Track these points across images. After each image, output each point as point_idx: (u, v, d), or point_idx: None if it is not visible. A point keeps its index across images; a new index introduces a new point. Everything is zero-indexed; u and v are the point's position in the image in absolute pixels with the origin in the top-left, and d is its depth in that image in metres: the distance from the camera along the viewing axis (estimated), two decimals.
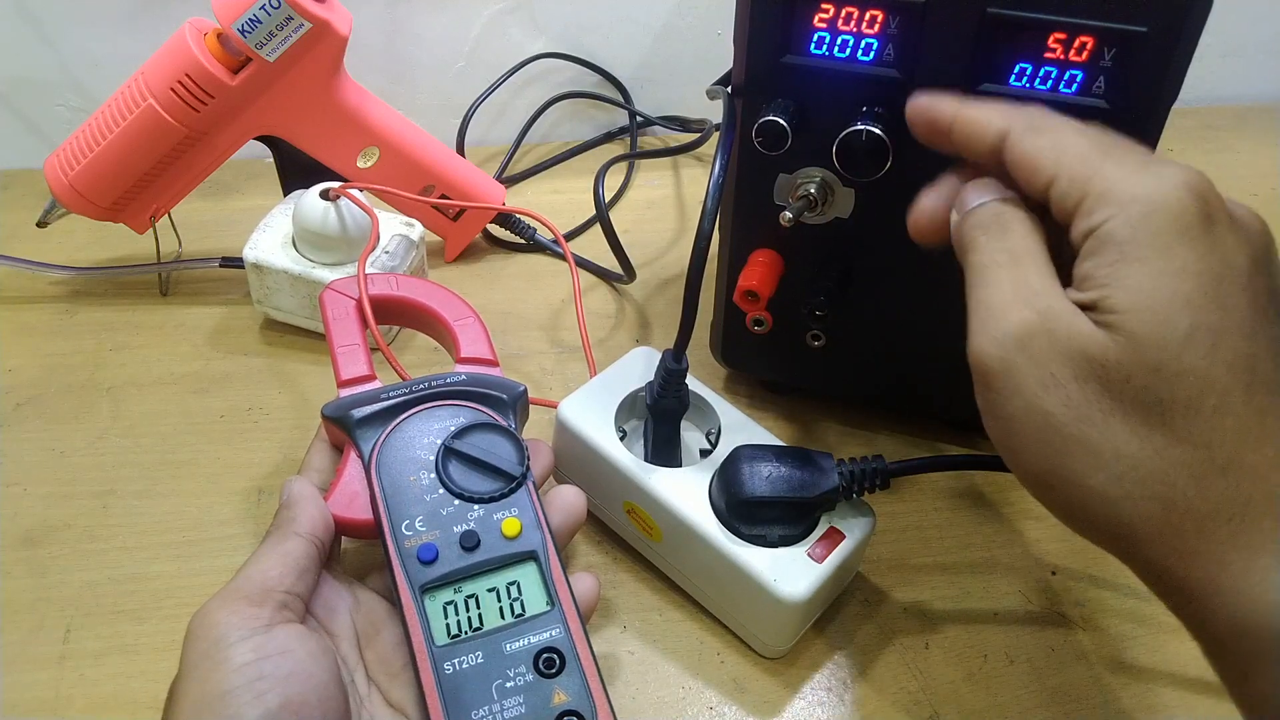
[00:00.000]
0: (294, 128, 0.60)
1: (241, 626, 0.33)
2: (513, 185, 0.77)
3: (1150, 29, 0.38)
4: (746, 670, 0.45)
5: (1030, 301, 0.31)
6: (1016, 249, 0.33)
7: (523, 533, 0.39)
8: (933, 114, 0.37)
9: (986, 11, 0.39)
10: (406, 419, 0.41)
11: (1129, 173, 0.31)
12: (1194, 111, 0.87)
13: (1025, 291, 0.32)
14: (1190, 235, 0.30)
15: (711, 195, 0.42)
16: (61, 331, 0.61)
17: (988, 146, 0.35)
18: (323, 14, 0.55)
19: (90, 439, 0.54)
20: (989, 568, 0.50)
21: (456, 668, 0.36)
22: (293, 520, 0.38)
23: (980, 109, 0.35)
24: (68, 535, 0.49)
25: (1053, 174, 0.32)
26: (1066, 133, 0.33)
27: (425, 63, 0.79)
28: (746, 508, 0.43)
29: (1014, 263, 0.32)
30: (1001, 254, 0.33)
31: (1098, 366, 0.30)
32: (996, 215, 0.34)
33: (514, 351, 0.61)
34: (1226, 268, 0.30)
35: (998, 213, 0.34)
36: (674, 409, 0.47)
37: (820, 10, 0.42)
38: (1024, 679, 0.45)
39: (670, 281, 0.67)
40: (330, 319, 0.46)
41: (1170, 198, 0.30)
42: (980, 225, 0.34)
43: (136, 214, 0.61)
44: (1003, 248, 0.33)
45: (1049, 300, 0.31)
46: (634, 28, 0.81)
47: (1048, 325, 0.31)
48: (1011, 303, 0.31)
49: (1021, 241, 0.33)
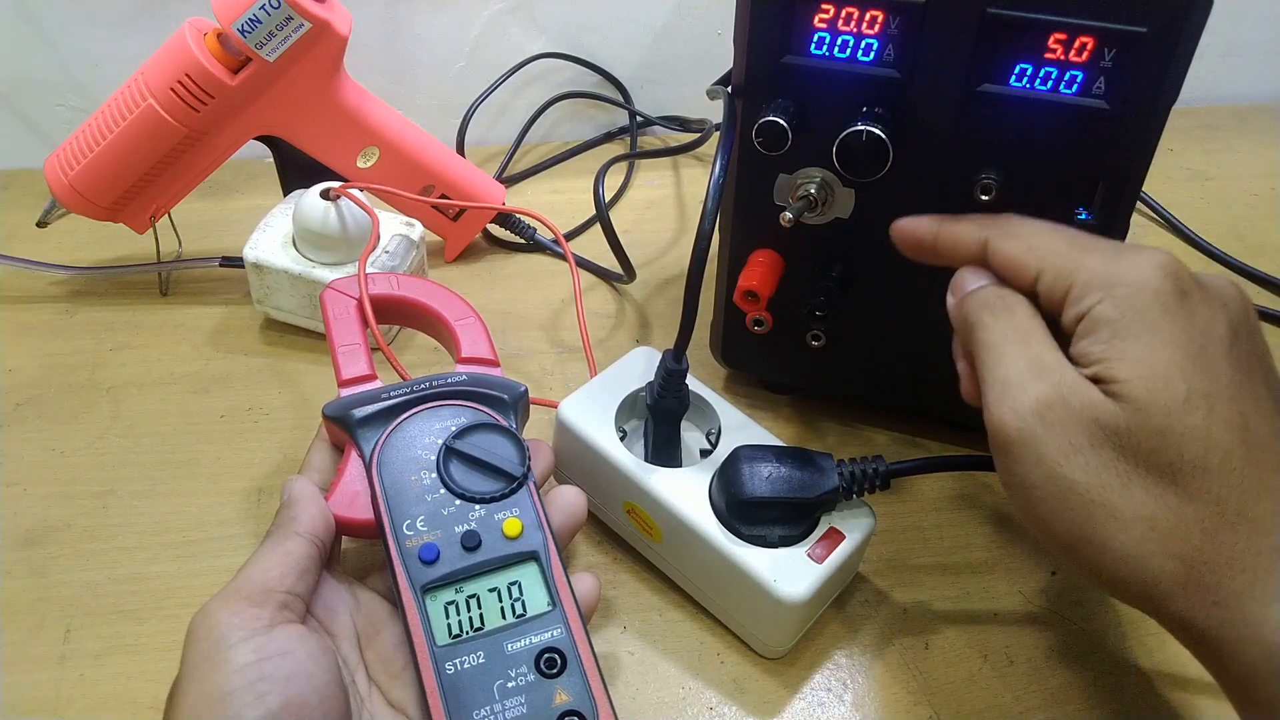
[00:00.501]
0: (294, 128, 0.60)
1: (242, 627, 0.33)
2: (513, 185, 0.77)
3: (1150, 29, 0.38)
4: (746, 670, 0.45)
5: (1044, 374, 0.33)
6: (1024, 326, 0.35)
7: (524, 533, 0.39)
8: (916, 235, 0.41)
9: (986, 11, 0.39)
10: (408, 419, 0.41)
11: (1107, 261, 0.34)
12: (1194, 111, 0.87)
13: (1038, 365, 0.34)
14: (1170, 310, 0.33)
15: (712, 195, 0.42)
16: (61, 331, 0.61)
17: (971, 256, 0.38)
18: (323, 14, 0.55)
19: (90, 439, 0.54)
20: (989, 568, 0.50)
21: (458, 668, 0.36)
22: (293, 520, 0.38)
23: (958, 226, 0.39)
24: (68, 535, 0.49)
25: (1038, 270, 0.36)
26: (1040, 234, 0.37)
27: (425, 63, 0.79)
28: (746, 508, 0.43)
29: (1024, 339, 0.35)
30: (1011, 330, 0.35)
31: (1110, 433, 0.32)
32: (1000, 296, 0.37)
33: (514, 351, 0.61)
34: (1207, 337, 0.33)
35: (1000, 294, 0.37)
36: (674, 409, 0.47)
37: (820, 10, 0.42)
38: (1024, 679, 0.45)
39: (670, 281, 0.67)
40: (331, 318, 0.46)
41: (1148, 279, 0.33)
42: (985, 305, 0.37)
43: (136, 214, 0.61)
44: (1011, 325, 0.35)
45: (1061, 372, 0.33)
46: (634, 28, 0.81)
47: (1063, 395, 0.33)
48: (1027, 376, 0.34)
49: (1027, 320, 0.35)
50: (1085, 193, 0.43)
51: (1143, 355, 0.32)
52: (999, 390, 0.34)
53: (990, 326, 0.36)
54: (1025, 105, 0.41)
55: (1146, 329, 0.33)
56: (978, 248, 0.38)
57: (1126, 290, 0.33)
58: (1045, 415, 0.33)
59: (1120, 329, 0.33)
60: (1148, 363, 0.32)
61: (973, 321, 0.37)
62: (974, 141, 0.42)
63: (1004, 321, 0.36)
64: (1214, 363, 0.32)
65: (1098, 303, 0.34)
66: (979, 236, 0.38)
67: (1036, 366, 0.34)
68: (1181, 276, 0.34)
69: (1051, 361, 0.34)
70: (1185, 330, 0.33)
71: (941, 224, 0.40)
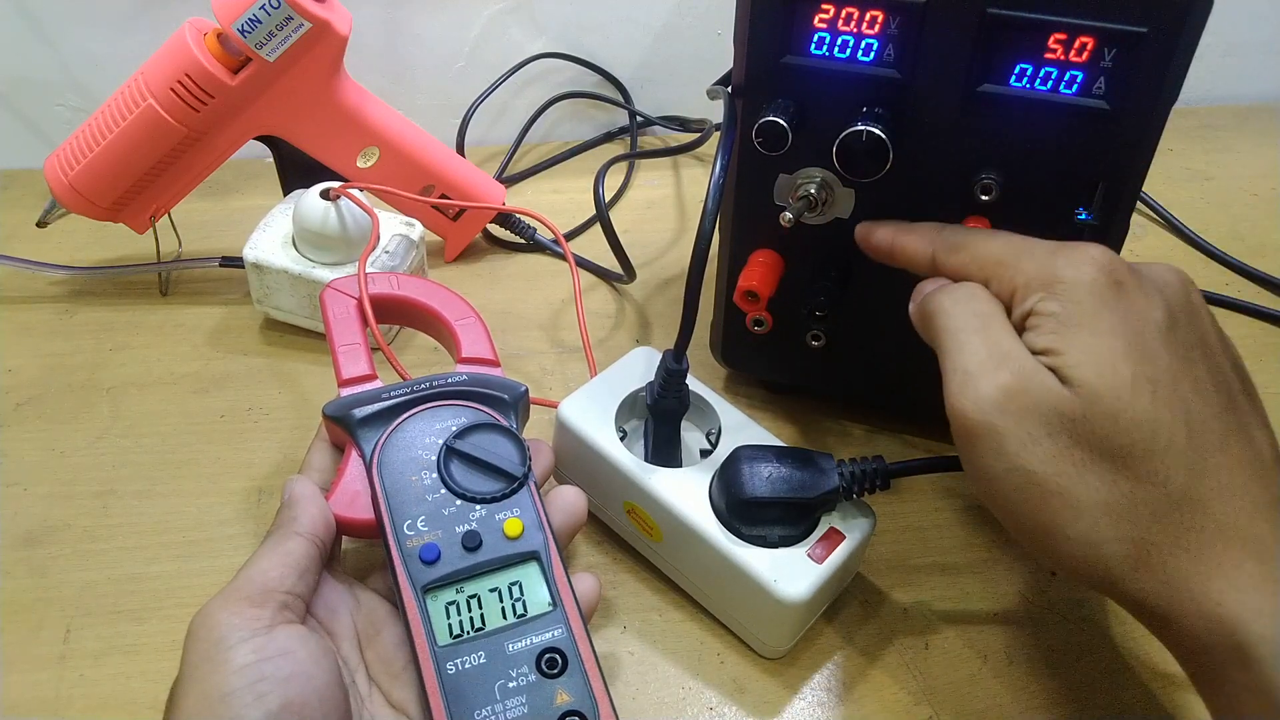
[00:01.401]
0: (294, 128, 0.60)
1: (242, 628, 0.33)
2: (513, 185, 0.77)
3: (1150, 29, 0.38)
4: (746, 671, 0.45)
5: (1004, 363, 0.34)
6: (984, 311, 0.36)
7: (524, 533, 0.39)
8: (874, 242, 0.43)
9: (986, 12, 0.39)
10: (408, 419, 0.41)
11: (1044, 262, 0.36)
12: (1194, 111, 0.87)
13: (998, 353, 0.35)
14: (1107, 301, 0.34)
15: (712, 196, 0.42)
16: (61, 331, 0.61)
17: (925, 266, 0.40)
18: (323, 14, 0.55)
19: (90, 439, 0.54)
20: (989, 568, 0.50)
21: (459, 668, 0.36)
22: (294, 520, 0.38)
23: (909, 237, 0.41)
24: (68, 535, 0.49)
25: (984, 279, 0.37)
26: (982, 243, 0.38)
27: (425, 63, 0.79)
28: (747, 508, 0.43)
29: (984, 326, 0.36)
30: (972, 318, 0.36)
31: (1067, 420, 0.33)
32: (962, 287, 0.38)
33: (514, 351, 0.61)
34: (1144, 323, 0.34)
35: (962, 285, 0.38)
36: (674, 409, 0.47)
37: (820, 11, 0.42)
38: (1024, 679, 0.45)
39: (670, 281, 0.67)
40: (331, 318, 0.46)
41: (1083, 274, 0.35)
42: (946, 294, 0.38)
43: (136, 214, 0.61)
44: (971, 310, 0.36)
45: (1021, 360, 0.34)
46: (634, 28, 0.81)
47: (1023, 384, 0.34)
48: (986, 365, 0.34)
49: (988, 306, 0.36)
50: (1085, 193, 0.43)
51: (1087, 343, 0.34)
52: (960, 380, 0.35)
53: (950, 313, 0.37)
54: (1025, 105, 0.41)
55: (1088, 319, 0.34)
56: (929, 261, 0.40)
57: (1064, 286, 0.35)
58: (1006, 406, 0.33)
59: (1064, 320, 0.34)
60: (1093, 350, 0.33)
61: (931, 310, 0.38)
62: (974, 141, 0.42)
63: (963, 307, 0.37)
64: (1152, 348, 0.34)
65: (1040, 300, 0.35)
66: (927, 252, 0.40)
67: (996, 355, 0.34)
68: (1114, 269, 0.35)
69: (1010, 349, 0.35)
70: (1123, 319, 0.34)
71: (897, 233, 0.42)
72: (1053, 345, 0.34)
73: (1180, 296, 0.36)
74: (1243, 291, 0.68)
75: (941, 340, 0.37)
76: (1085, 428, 0.33)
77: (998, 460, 0.34)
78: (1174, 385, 0.33)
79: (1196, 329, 0.35)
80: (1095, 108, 0.40)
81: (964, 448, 0.35)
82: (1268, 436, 0.35)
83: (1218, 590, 0.31)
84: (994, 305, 0.36)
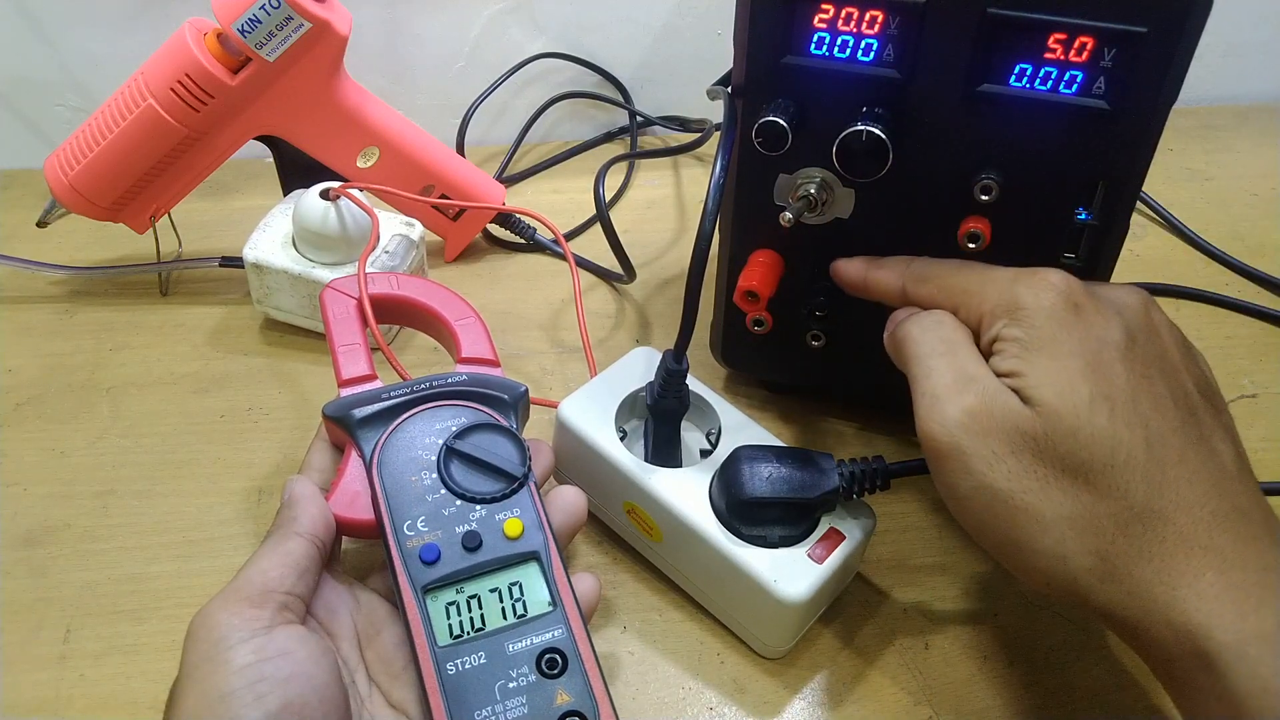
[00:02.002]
0: (294, 128, 0.60)
1: (242, 628, 0.33)
2: (513, 185, 0.77)
3: (1150, 29, 0.38)
4: (746, 671, 0.45)
5: (968, 386, 0.36)
6: (950, 338, 0.38)
7: (525, 533, 0.39)
8: (848, 278, 0.46)
9: (986, 11, 0.39)
10: (408, 419, 0.41)
11: (1006, 289, 0.37)
12: (1194, 111, 0.87)
13: (963, 376, 0.36)
14: (1065, 324, 0.36)
15: (712, 196, 0.42)
16: (61, 331, 0.61)
17: (896, 298, 0.43)
18: (323, 14, 0.55)
19: (90, 439, 0.54)
20: (989, 567, 0.50)
21: (459, 668, 0.36)
22: (294, 520, 0.38)
23: (880, 271, 0.44)
24: (68, 535, 0.49)
25: (952, 308, 0.39)
26: (948, 274, 0.40)
27: (425, 63, 0.79)
28: (747, 508, 0.43)
29: (950, 350, 0.37)
30: (939, 343, 0.38)
31: (1029, 439, 0.34)
32: (930, 314, 0.40)
33: (514, 351, 0.61)
34: (1101, 344, 0.35)
35: (930, 313, 0.40)
36: (674, 409, 0.47)
37: (820, 11, 0.42)
38: (1024, 679, 0.45)
39: (670, 281, 0.67)
40: (331, 318, 0.46)
41: (1041, 299, 0.36)
42: (915, 322, 0.39)
43: (136, 214, 0.61)
44: (938, 337, 0.38)
45: (984, 383, 0.36)
46: (634, 28, 0.81)
47: (986, 406, 0.35)
48: (952, 388, 0.36)
49: (954, 332, 0.38)
50: (1085, 193, 0.43)
51: (1047, 365, 0.35)
52: (928, 404, 0.37)
53: (918, 340, 0.39)
54: (1025, 105, 0.41)
55: (1047, 343, 0.35)
56: (898, 293, 0.42)
57: (1025, 312, 0.36)
58: (970, 427, 0.35)
59: (1026, 344, 0.36)
60: (1052, 371, 0.35)
61: (900, 337, 0.40)
62: (974, 141, 0.42)
63: (931, 334, 0.38)
64: (1110, 367, 0.35)
65: (1004, 326, 0.37)
66: (897, 284, 0.42)
67: (961, 378, 0.36)
68: (1072, 293, 0.36)
69: (974, 372, 0.36)
70: (1081, 340, 0.35)
71: (868, 268, 0.44)
72: (1015, 368, 0.36)
73: (1139, 317, 0.37)
74: (1243, 291, 0.68)
75: (911, 366, 0.38)
76: (1047, 445, 0.34)
77: (965, 479, 0.35)
78: (1132, 402, 0.35)
79: (1155, 347, 0.37)
80: (1095, 108, 0.40)
81: (934, 468, 0.37)
82: (1231, 448, 0.36)
83: (1181, 600, 0.32)
84: (960, 331, 0.38)
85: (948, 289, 0.40)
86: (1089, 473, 0.34)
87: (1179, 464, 0.34)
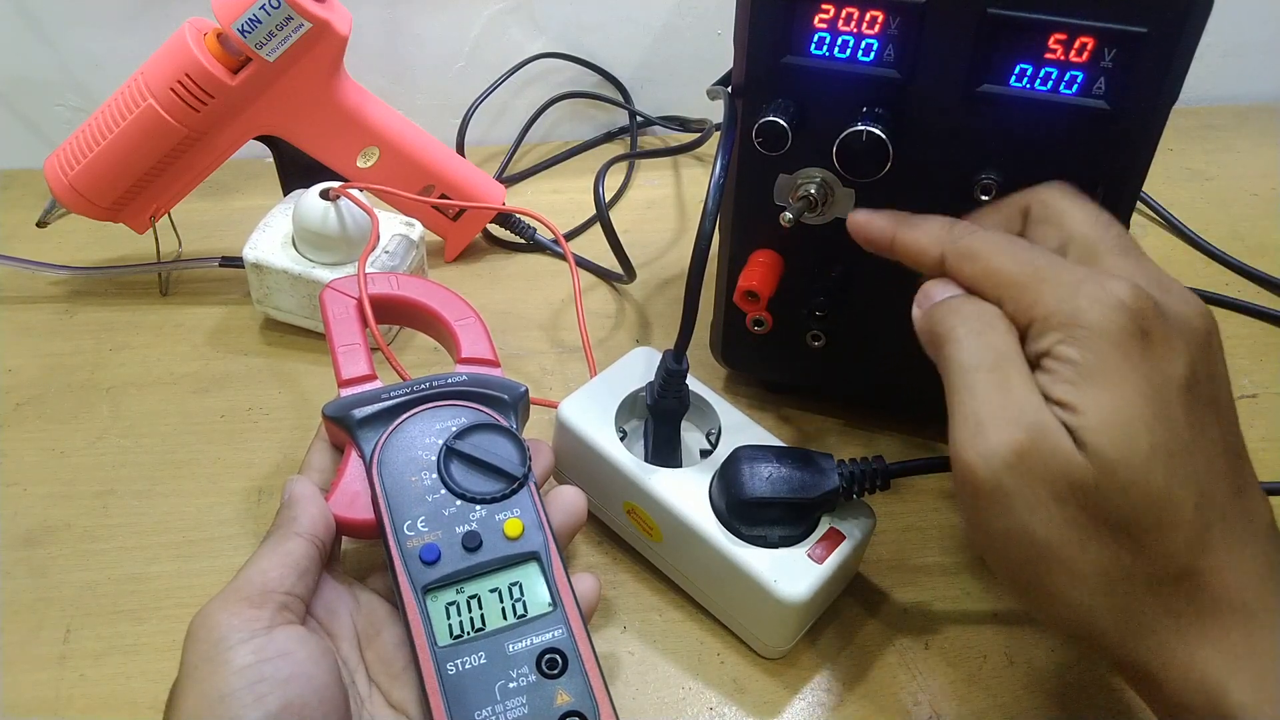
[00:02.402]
0: (294, 128, 0.60)
1: (242, 629, 0.33)
2: (513, 185, 0.77)
3: (1150, 29, 0.38)
4: (747, 671, 0.45)
5: (1019, 418, 0.32)
6: (1000, 348, 0.33)
7: (525, 533, 0.39)
8: (870, 233, 0.39)
9: (986, 12, 0.39)
10: (408, 419, 0.41)
11: (1066, 296, 0.32)
12: (1194, 111, 0.87)
13: (1013, 404, 0.32)
14: (1131, 355, 0.32)
15: (712, 196, 0.42)
16: (61, 331, 0.61)
17: (931, 266, 0.37)
18: (323, 14, 0.55)
19: (90, 439, 0.54)
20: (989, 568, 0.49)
21: (459, 668, 0.36)
22: (294, 520, 0.38)
23: (915, 232, 0.38)
24: (68, 535, 0.49)
25: (997, 298, 0.34)
26: (998, 254, 0.35)
27: (425, 63, 0.79)
28: (747, 508, 0.43)
29: (998, 366, 0.33)
30: (986, 353, 0.33)
31: (1078, 489, 0.31)
32: (977, 309, 0.34)
33: (514, 351, 0.61)
34: (1166, 381, 0.32)
35: (978, 307, 0.34)
36: (674, 409, 0.47)
37: (820, 11, 0.42)
38: (1023, 680, 0.45)
39: (670, 281, 0.67)
40: (330, 318, 0.46)
41: (1109, 319, 0.32)
42: (959, 316, 0.34)
43: (136, 214, 0.61)
44: (986, 345, 0.33)
45: (1035, 416, 0.32)
46: (634, 28, 0.81)
47: (1036, 445, 0.31)
48: (999, 416, 0.32)
49: (1003, 340, 0.33)
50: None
51: (1106, 403, 0.31)
52: (971, 430, 0.32)
53: (964, 343, 0.34)
54: (1025, 105, 0.41)
55: (1109, 374, 0.31)
56: (937, 262, 0.37)
57: (1086, 333, 0.32)
58: (1016, 466, 0.31)
59: (1083, 372, 0.32)
60: (1111, 412, 0.31)
61: (942, 333, 0.35)
62: (974, 141, 0.42)
63: (979, 340, 0.33)
64: (1170, 410, 0.32)
65: (1058, 343, 0.32)
66: (936, 252, 0.37)
67: (1011, 406, 0.32)
68: (1144, 313, 0.32)
69: (1025, 400, 0.32)
70: (1146, 378, 0.31)
71: (899, 226, 0.38)
72: (1069, 398, 0.32)
73: (1202, 344, 0.33)
74: (1243, 291, 0.68)
75: (951, 374, 0.34)
76: (1096, 497, 0.31)
77: (1001, 520, 0.32)
78: (1188, 456, 0.32)
79: (1213, 382, 0.33)
80: (1095, 108, 0.40)
81: (966, 501, 0.33)
82: (1263, 499, 0.34)
83: (1203, 658, 0.32)
84: (1011, 341, 0.33)
85: (997, 276, 0.34)
86: (1133, 531, 0.31)
87: (1222, 522, 0.32)
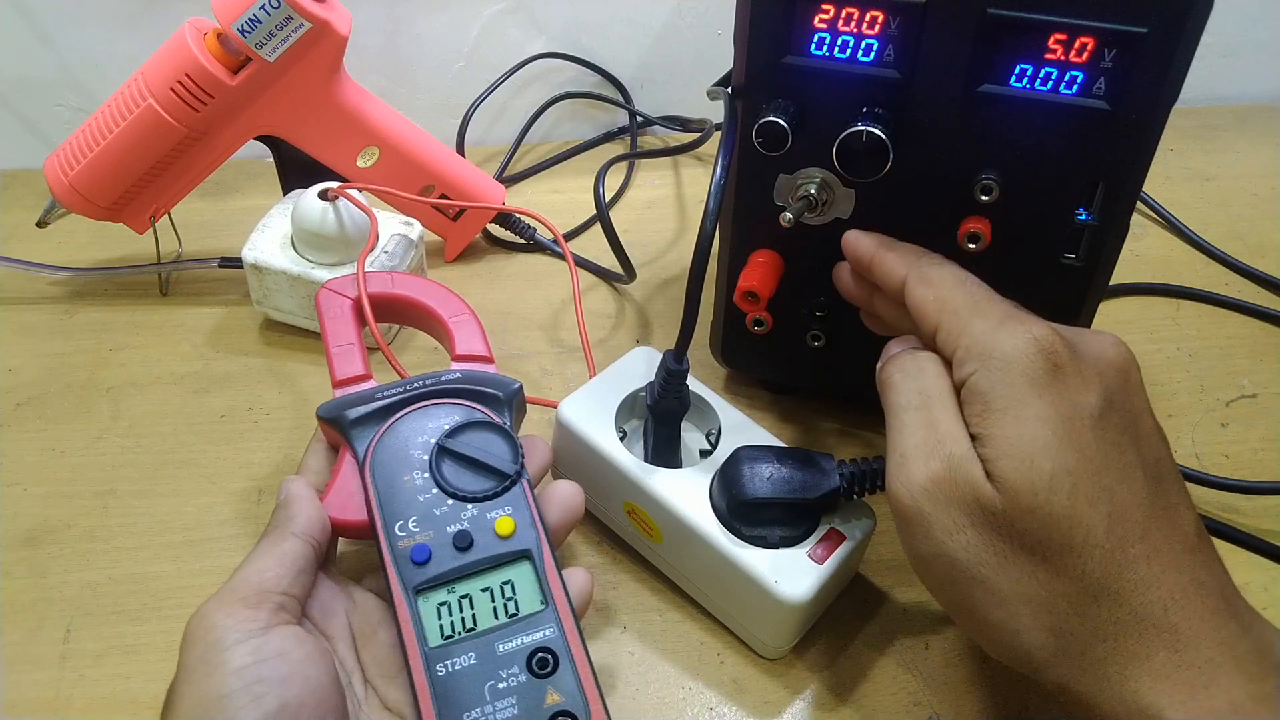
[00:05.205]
0: (294, 128, 0.60)
1: (238, 629, 0.33)
2: (513, 185, 0.77)
3: (1150, 30, 0.38)
4: (747, 671, 0.45)
5: (937, 449, 0.35)
6: (928, 389, 0.37)
7: (517, 531, 0.39)
8: (857, 251, 0.43)
9: (986, 12, 0.39)
10: (400, 418, 0.41)
11: (988, 330, 0.35)
12: (1194, 111, 0.87)
13: (933, 438, 0.35)
14: (1039, 385, 0.34)
15: (713, 197, 0.42)
16: (61, 331, 0.61)
17: (895, 288, 0.40)
18: (323, 14, 0.55)
19: (90, 439, 0.54)
20: None
21: (449, 669, 0.36)
22: (289, 520, 0.38)
23: (890, 256, 0.41)
24: (68, 535, 0.49)
25: (935, 324, 0.37)
26: (947, 286, 0.38)
27: (425, 63, 0.79)
28: (747, 509, 0.43)
29: (925, 405, 0.36)
30: (915, 395, 0.37)
31: (989, 514, 0.34)
32: (913, 358, 0.38)
33: (514, 351, 0.61)
34: (1075, 410, 0.34)
35: (914, 356, 0.38)
36: (674, 409, 0.47)
37: (820, 11, 0.41)
38: (1024, 680, 0.44)
39: (670, 281, 0.67)
40: (325, 319, 0.46)
41: (1020, 353, 0.34)
42: (899, 367, 0.38)
43: (136, 214, 0.61)
44: (916, 388, 0.37)
45: (952, 447, 0.35)
46: (634, 28, 0.81)
47: (951, 475, 0.34)
48: (920, 450, 0.35)
49: (934, 382, 0.37)
50: (1085, 193, 0.43)
51: (1009, 434, 0.34)
52: (896, 463, 0.36)
53: (898, 388, 0.38)
54: (1025, 106, 0.41)
55: (1014, 405, 0.34)
56: (899, 284, 0.40)
57: (997, 363, 0.35)
58: (934, 494, 0.34)
59: (991, 403, 0.34)
60: (1014, 442, 0.33)
61: (883, 380, 0.39)
62: (974, 142, 0.42)
63: (911, 383, 0.37)
64: (1080, 439, 0.33)
65: (973, 373, 0.35)
66: (902, 274, 0.40)
67: (931, 440, 0.35)
68: (1055, 352, 0.34)
69: (946, 432, 0.35)
70: (1052, 406, 0.34)
71: (879, 248, 0.42)
72: (980, 430, 0.34)
73: (1118, 378, 0.35)
74: (1243, 291, 0.68)
75: (888, 415, 0.38)
76: (1006, 521, 0.33)
77: (925, 543, 0.35)
78: (1097, 477, 0.33)
79: (1130, 412, 0.35)
80: (1095, 108, 0.40)
81: (897, 526, 0.36)
82: (1193, 516, 0.35)
83: (1134, 679, 0.32)
84: (941, 384, 0.36)
85: (940, 303, 0.38)
86: (1046, 552, 0.33)
87: (1140, 541, 0.33)
